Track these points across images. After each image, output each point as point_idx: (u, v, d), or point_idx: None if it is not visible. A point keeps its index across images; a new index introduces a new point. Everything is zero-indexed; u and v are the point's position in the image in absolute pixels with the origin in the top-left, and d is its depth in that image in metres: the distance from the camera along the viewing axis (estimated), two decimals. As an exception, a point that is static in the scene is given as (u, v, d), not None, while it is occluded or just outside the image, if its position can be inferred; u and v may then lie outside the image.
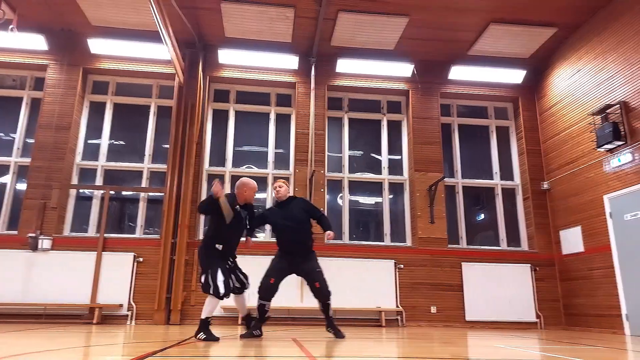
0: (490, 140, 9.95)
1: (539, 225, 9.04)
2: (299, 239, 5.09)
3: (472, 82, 9.71)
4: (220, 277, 4.64)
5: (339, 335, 4.95)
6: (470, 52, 9.27)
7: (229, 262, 4.93)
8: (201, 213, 4.90)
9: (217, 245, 4.81)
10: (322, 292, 4.97)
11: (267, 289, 4.97)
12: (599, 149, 7.69)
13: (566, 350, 4.32)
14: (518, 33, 8.61)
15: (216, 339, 4.52)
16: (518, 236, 9.35)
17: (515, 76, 9.57)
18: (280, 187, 5.29)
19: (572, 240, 8.42)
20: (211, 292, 4.61)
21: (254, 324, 5.08)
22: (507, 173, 9.74)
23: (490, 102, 10.08)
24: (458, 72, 9.51)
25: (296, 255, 5.08)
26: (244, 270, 5.14)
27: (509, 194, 9.61)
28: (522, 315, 8.42)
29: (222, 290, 4.59)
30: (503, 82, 9.73)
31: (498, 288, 8.48)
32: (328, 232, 5.13)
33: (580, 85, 8.40)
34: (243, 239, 5.17)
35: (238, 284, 5.01)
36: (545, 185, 9.17)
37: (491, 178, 9.69)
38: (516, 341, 5.32)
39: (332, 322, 5.10)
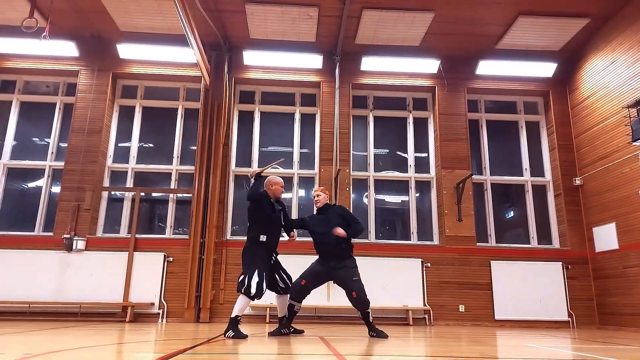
0: (519, 136, 9.74)
1: (571, 222, 8.80)
2: (330, 241, 5.05)
3: (501, 76, 9.53)
4: (255, 279, 4.72)
5: (381, 335, 4.88)
6: (498, 46, 9.09)
7: (272, 258, 5.04)
8: (252, 200, 5.00)
9: (261, 237, 4.89)
10: (359, 301, 4.89)
11: (298, 291, 5.00)
12: (634, 143, 7.43)
13: (600, 349, 4.20)
14: (548, 25, 8.39)
15: (244, 337, 4.59)
16: (549, 234, 9.12)
17: (546, 69, 9.34)
18: (318, 196, 5.37)
19: (605, 238, 8.17)
20: (243, 290, 4.70)
21: (284, 322, 5.13)
22: (537, 169, 9.51)
23: (520, 97, 9.85)
24: (486, 67, 9.34)
25: (330, 259, 5.04)
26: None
27: (539, 191, 9.39)
28: (554, 314, 8.23)
29: (253, 290, 4.67)
30: (533, 76, 9.50)
31: (528, 286, 8.31)
32: (338, 228, 4.95)
33: (615, 77, 8.12)
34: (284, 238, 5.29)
35: (282, 284, 5.08)
36: (578, 181, 8.91)
37: (521, 174, 9.48)
38: (547, 340, 5.20)
39: (373, 327, 5.01)
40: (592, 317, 8.36)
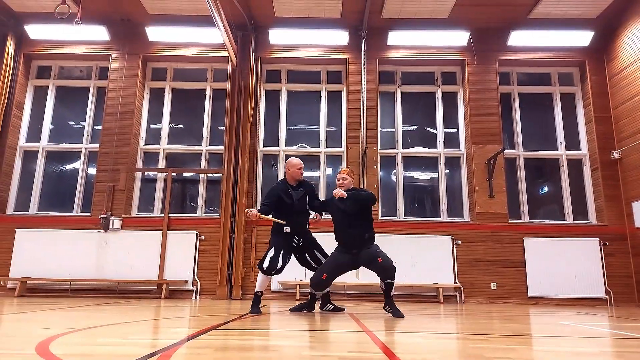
0: (554, 109, 9.40)
1: (608, 197, 8.51)
2: (354, 235, 4.90)
3: (534, 47, 9.17)
4: (270, 254, 4.86)
5: (397, 314, 4.75)
6: (530, 16, 8.73)
7: (295, 241, 5.02)
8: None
9: (284, 229, 4.93)
10: (385, 267, 4.69)
11: (318, 284, 4.95)
12: (678, 114, 7.07)
13: (638, 327, 4.09)
14: (584, -9, 7.99)
15: (257, 313, 4.75)
16: (585, 209, 8.86)
17: (582, 38, 8.93)
18: (344, 179, 5.09)
19: (646, 213, 7.88)
20: (257, 265, 4.91)
21: (306, 302, 5.19)
22: (573, 143, 9.19)
23: (554, 68, 9.48)
24: (518, 38, 9.01)
25: (353, 247, 4.90)
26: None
27: (575, 165, 9.09)
28: (590, 291, 8.04)
29: (265, 264, 4.81)
30: (568, 46, 9.11)
31: (563, 263, 8.13)
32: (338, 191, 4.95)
33: (657, 44, 7.70)
34: (312, 217, 5.29)
35: (315, 264, 5.10)
36: (616, 155, 8.58)
37: (555, 149, 9.19)
38: (583, 318, 5.11)
39: (392, 302, 4.87)
40: (631, 294, 8.14)
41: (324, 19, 8.95)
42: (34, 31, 9.06)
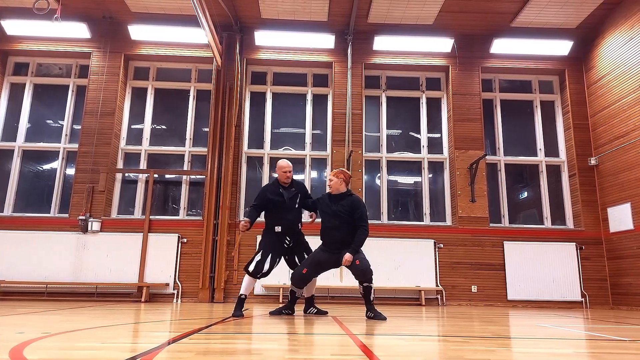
0: (534, 116, 9.58)
1: (585, 202, 8.70)
2: (339, 238, 4.90)
3: (516, 55, 9.34)
4: (257, 258, 4.89)
5: (379, 317, 4.75)
6: (513, 24, 8.88)
7: (286, 242, 5.02)
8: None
9: (276, 228, 4.96)
10: (362, 269, 4.70)
11: (299, 279, 4.95)
12: (652, 122, 7.27)
13: (612, 329, 4.19)
14: (565, 1, 8.16)
15: (239, 315, 4.77)
16: (563, 214, 9.04)
17: (562, 48, 9.13)
18: (330, 180, 5.07)
19: (621, 218, 8.07)
20: (244, 268, 4.93)
21: (286, 305, 5.19)
22: (552, 149, 9.38)
23: (535, 76, 9.67)
24: (500, 46, 9.16)
25: (335, 248, 4.91)
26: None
27: (554, 171, 9.28)
28: (567, 294, 8.22)
29: (251, 267, 4.85)
30: (548, 55, 9.30)
31: (542, 267, 8.28)
32: (346, 255, 4.81)
33: (633, 54, 7.91)
34: (308, 220, 5.30)
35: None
36: (593, 161, 8.78)
37: (535, 155, 9.36)
38: (560, 320, 5.20)
39: (372, 307, 4.86)
40: (606, 297, 8.33)
41: (310, 22, 8.97)
42: (11, 27, 8.85)
